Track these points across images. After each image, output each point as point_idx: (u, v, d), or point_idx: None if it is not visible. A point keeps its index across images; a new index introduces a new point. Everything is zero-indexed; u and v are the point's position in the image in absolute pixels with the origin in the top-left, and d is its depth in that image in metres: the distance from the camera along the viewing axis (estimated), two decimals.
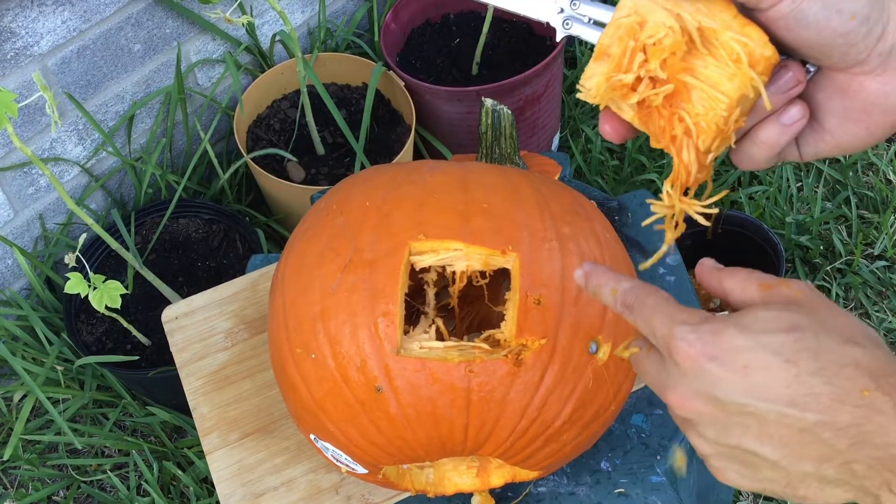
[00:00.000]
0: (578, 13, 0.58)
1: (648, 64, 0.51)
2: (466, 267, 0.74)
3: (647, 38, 0.51)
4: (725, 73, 0.50)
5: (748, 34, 0.49)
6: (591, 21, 0.58)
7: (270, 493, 0.91)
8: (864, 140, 0.53)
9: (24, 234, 1.61)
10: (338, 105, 1.82)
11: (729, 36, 0.49)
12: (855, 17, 0.48)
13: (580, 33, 0.58)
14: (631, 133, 0.56)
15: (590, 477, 0.90)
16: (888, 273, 1.80)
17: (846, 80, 0.51)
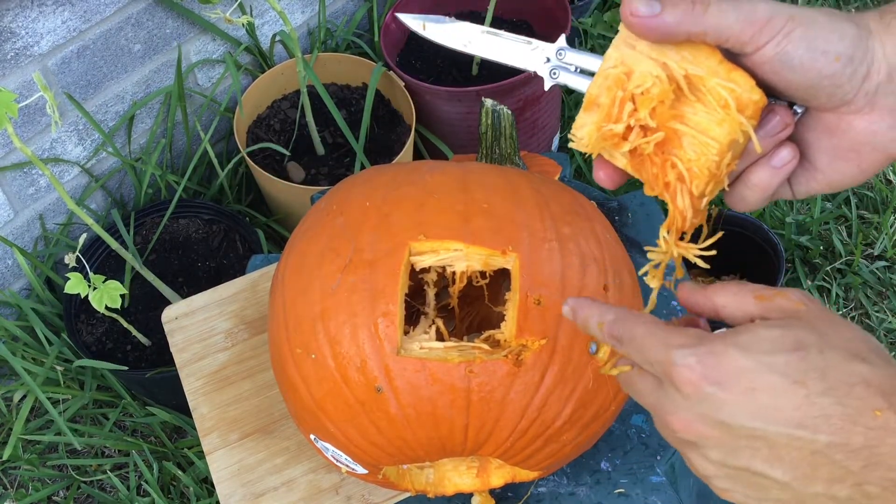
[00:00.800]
0: (565, 62, 0.59)
1: (638, 113, 0.51)
2: (466, 267, 0.74)
3: (635, 87, 0.51)
4: (714, 118, 0.50)
5: (735, 79, 0.49)
6: (578, 70, 0.59)
7: (270, 493, 0.91)
8: (855, 177, 0.53)
9: (24, 234, 1.61)
10: (338, 105, 1.82)
11: (716, 82, 0.49)
12: (839, 58, 0.48)
13: (568, 82, 0.59)
14: (625, 178, 0.56)
15: (590, 477, 0.90)
16: (888, 273, 1.80)
17: (834, 120, 0.51)
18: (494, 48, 0.63)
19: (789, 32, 0.48)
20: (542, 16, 1.87)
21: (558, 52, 0.59)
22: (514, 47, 0.62)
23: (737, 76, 0.49)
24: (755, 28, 0.48)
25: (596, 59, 0.57)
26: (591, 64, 0.58)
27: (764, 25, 0.48)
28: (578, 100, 2.03)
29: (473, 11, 1.92)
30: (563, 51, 0.59)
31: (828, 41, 0.48)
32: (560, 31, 1.78)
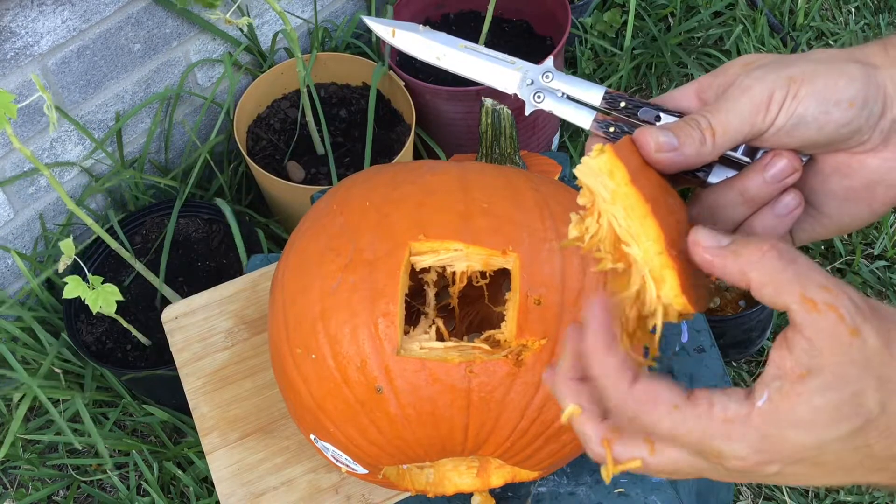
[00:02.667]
0: (551, 86, 0.56)
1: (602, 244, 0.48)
2: (466, 267, 0.74)
3: (593, 225, 0.48)
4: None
5: (662, 278, 0.45)
6: (565, 95, 0.56)
7: (270, 492, 0.91)
8: (865, 219, 0.51)
9: (24, 234, 1.61)
10: (338, 105, 1.82)
11: (645, 274, 0.45)
12: (854, 103, 0.47)
13: (553, 109, 0.56)
14: None
15: (590, 477, 0.90)
16: (888, 273, 1.80)
17: (846, 160, 0.49)
18: (470, 65, 0.59)
19: (795, 95, 0.47)
20: (542, 15, 1.86)
21: (545, 75, 0.56)
22: (492, 66, 0.58)
23: (667, 274, 0.45)
24: (761, 112, 0.47)
25: (586, 86, 0.54)
26: (579, 91, 0.55)
27: (768, 104, 0.47)
28: None
29: (473, 11, 1.92)
30: (551, 73, 0.56)
31: (836, 89, 0.47)
32: (560, 31, 1.78)
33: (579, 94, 0.55)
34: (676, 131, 0.48)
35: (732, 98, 0.48)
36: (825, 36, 2.19)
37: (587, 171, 0.47)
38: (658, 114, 0.52)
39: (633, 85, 2.10)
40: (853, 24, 2.20)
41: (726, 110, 0.48)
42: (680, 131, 0.48)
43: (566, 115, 0.55)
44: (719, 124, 0.48)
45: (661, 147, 0.48)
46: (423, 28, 0.60)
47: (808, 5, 2.21)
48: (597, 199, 0.47)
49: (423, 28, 0.60)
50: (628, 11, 1.96)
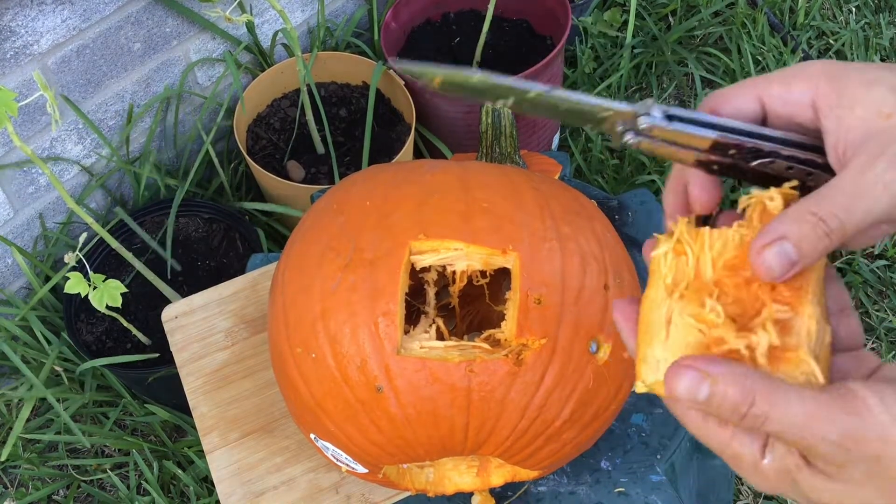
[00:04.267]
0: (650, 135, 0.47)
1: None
2: (467, 266, 0.74)
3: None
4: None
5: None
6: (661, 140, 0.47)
7: (270, 492, 0.91)
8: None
9: (24, 233, 1.61)
10: (338, 104, 1.82)
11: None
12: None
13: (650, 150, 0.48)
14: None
15: (590, 476, 0.90)
16: (888, 272, 1.80)
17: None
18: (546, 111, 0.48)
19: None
20: (542, 15, 1.86)
21: (641, 127, 0.47)
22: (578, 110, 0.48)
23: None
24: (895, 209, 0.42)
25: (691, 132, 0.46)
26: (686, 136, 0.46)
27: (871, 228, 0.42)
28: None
29: (473, 10, 1.92)
30: (649, 123, 0.46)
31: None
32: (561, 30, 1.78)
33: (681, 141, 0.47)
34: (800, 243, 0.42)
35: (870, 192, 0.41)
36: (825, 35, 2.19)
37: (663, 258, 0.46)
38: (772, 160, 0.46)
39: (633, 84, 2.10)
40: (853, 24, 2.20)
41: (864, 209, 0.41)
42: (804, 242, 0.42)
43: (665, 155, 0.48)
44: (853, 226, 0.42)
45: (786, 270, 0.42)
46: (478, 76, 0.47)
47: (809, 4, 2.21)
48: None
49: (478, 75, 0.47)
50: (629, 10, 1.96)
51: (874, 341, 1.72)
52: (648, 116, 0.46)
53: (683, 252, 0.45)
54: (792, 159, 0.46)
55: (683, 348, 0.44)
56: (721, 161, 0.47)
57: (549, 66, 1.70)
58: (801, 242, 0.42)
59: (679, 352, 0.43)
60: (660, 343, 0.44)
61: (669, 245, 0.46)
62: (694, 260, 0.45)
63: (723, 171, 0.48)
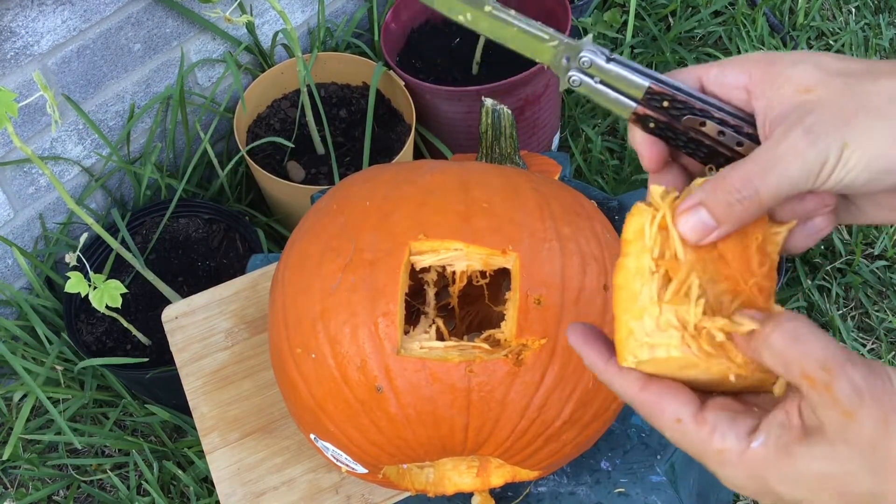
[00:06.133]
0: (587, 71, 0.50)
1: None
2: (466, 267, 0.74)
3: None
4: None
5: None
6: (601, 81, 0.50)
7: (270, 492, 0.91)
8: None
9: (24, 233, 1.61)
10: (338, 104, 1.82)
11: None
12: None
13: (588, 94, 0.51)
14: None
15: (590, 476, 0.90)
16: (888, 273, 1.80)
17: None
18: (499, 30, 0.53)
19: (846, 163, 0.43)
20: (542, 15, 1.86)
21: (581, 60, 0.50)
22: (524, 36, 0.52)
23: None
24: (811, 178, 0.44)
25: (628, 76, 0.49)
26: (619, 82, 0.49)
27: (819, 171, 0.43)
28: (579, 99, 2.03)
29: None
30: (588, 56, 0.50)
31: (890, 159, 0.43)
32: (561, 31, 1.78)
33: (619, 85, 0.50)
34: (714, 209, 0.45)
35: (783, 159, 0.43)
36: (825, 35, 2.19)
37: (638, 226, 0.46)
38: (703, 120, 0.49)
39: None
40: (853, 24, 2.20)
41: (777, 175, 0.43)
42: (718, 208, 0.45)
43: (603, 102, 0.50)
44: (767, 193, 0.44)
45: (703, 235, 0.45)
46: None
47: (808, 5, 2.21)
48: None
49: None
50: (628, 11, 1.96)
51: (874, 341, 1.72)
52: (590, 52, 0.50)
53: (665, 226, 0.46)
54: (723, 123, 0.48)
55: (673, 321, 0.44)
56: (656, 117, 0.49)
57: None
58: (715, 208, 0.44)
59: (668, 327, 0.44)
60: (651, 318, 0.44)
61: (652, 216, 0.46)
62: (677, 238, 0.46)
63: (659, 130, 0.50)
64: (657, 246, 0.45)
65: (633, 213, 0.47)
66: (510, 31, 0.52)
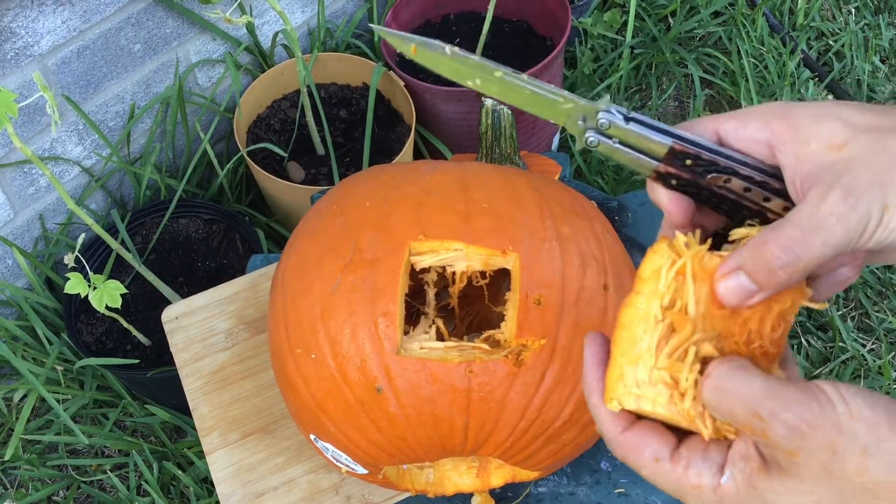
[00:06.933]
0: (607, 133, 0.48)
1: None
2: (466, 267, 0.74)
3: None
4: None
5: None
6: (619, 142, 0.48)
7: (270, 493, 0.91)
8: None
9: (24, 234, 1.61)
10: (338, 105, 1.82)
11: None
12: None
13: (608, 154, 0.49)
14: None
15: (590, 477, 0.90)
16: (888, 273, 1.80)
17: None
18: (511, 94, 0.52)
19: (887, 225, 0.42)
20: (542, 16, 1.87)
21: (600, 122, 0.48)
22: (537, 101, 0.51)
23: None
24: (852, 242, 0.42)
25: (649, 136, 0.47)
26: (641, 141, 0.48)
27: (861, 234, 0.42)
28: None
29: (473, 11, 1.92)
30: (607, 119, 0.48)
31: None
32: (560, 31, 1.78)
33: (639, 145, 0.48)
34: (755, 275, 0.43)
35: (825, 224, 0.42)
36: (825, 36, 2.19)
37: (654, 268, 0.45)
38: (728, 177, 0.47)
39: (633, 85, 2.10)
40: (853, 25, 2.20)
41: (820, 241, 0.42)
42: (759, 274, 0.43)
43: (623, 161, 0.49)
44: (811, 259, 0.42)
45: (742, 300, 0.44)
46: (449, 49, 0.52)
47: (808, 5, 2.21)
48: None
49: (451, 48, 0.52)
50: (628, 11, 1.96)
51: (874, 342, 1.72)
52: (608, 113, 0.48)
53: (683, 273, 0.45)
54: (749, 180, 0.47)
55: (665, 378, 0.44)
56: (679, 175, 0.48)
57: (548, 66, 1.70)
58: (757, 274, 0.43)
59: (659, 383, 0.44)
60: (645, 369, 0.44)
61: (672, 260, 0.45)
62: (694, 292, 0.44)
63: (681, 186, 0.48)
64: (670, 293, 0.45)
65: (654, 250, 0.46)
66: (523, 95, 0.51)
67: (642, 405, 0.44)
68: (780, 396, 0.40)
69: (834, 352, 1.70)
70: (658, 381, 0.44)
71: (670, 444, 0.45)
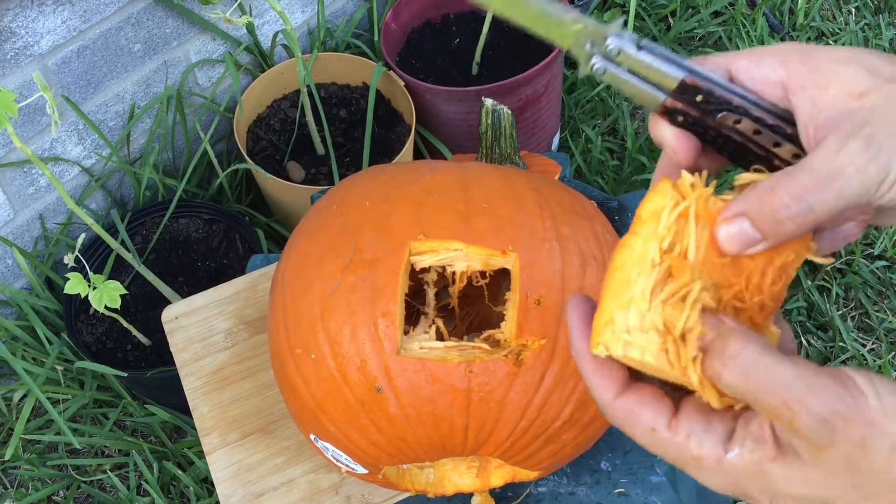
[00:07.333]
0: (614, 59, 0.45)
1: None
2: (466, 267, 0.74)
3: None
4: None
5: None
6: (629, 70, 0.45)
7: (270, 493, 0.91)
8: None
9: (24, 234, 1.61)
10: (338, 105, 1.82)
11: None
12: None
13: (613, 83, 0.46)
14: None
15: (590, 477, 0.90)
16: (888, 273, 1.80)
17: None
18: (514, 9, 0.47)
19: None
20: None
21: (609, 48, 0.45)
22: (542, 19, 0.47)
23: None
24: (868, 194, 0.40)
25: (659, 67, 0.44)
26: (650, 72, 0.44)
27: (878, 187, 0.40)
28: (579, 99, 2.03)
29: (473, 12, 1.92)
30: (616, 43, 0.44)
31: None
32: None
33: (649, 75, 0.45)
34: (760, 223, 0.41)
35: (841, 174, 0.39)
36: (825, 36, 2.19)
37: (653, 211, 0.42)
38: (739, 118, 0.44)
39: None
40: (853, 25, 2.20)
41: (835, 192, 0.39)
42: (764, 222, 0.40)
43: (628, 92, 0.46)
44: (822, 210, 0.40)
45: (742, 248, 0.41)
46: None
47: (808, 5, 2.21)
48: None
49: None
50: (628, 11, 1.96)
51: (874, 342, 1.72)
52: (618, 38, 0.44)
53: (686, 216, 0.42)
54: (760, 122, 0.44)
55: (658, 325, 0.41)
56: (687, 111, 0.45)
57: (548, 67, 1.70)
58: (762, 222, 0.40)
59: (651, 329, 0.40)
60: (637, 313, 0.41)
61: (675, 202, 0.42)
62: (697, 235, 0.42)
63: (686, 124, 0.45)
64: (670, 236, 0.41)
65: (656, 189, 0.43)
66: (528, 11, 0.47)
67: (630, 352, 0.41)
68: (811, 386, 0.37)
69: (834, 352, 1.70)
70: (650, 327, 0.40)
71: (667, 413, 0.42)
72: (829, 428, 0.37)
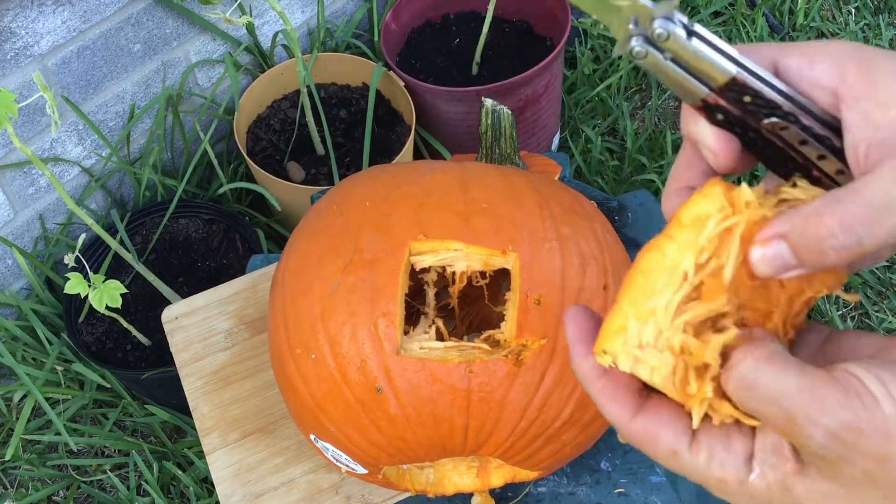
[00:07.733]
0: (662, 45, 0.39)
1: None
2: (466, 267, 0.74)
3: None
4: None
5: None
6: (671, 58, 0.40)
7: (270, 493, 0.91)
8: None
9: (24, 234, 1.61)
10: (338, 105, 1.82)
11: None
12: None
13: (653, 70, 0.40)
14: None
15: (590, 477, 0.90)
16: (888, 273, 1.80)
17: None
18: None
19: None
20: (542, 16, 1.87)
21: (656, 32, 0.39)
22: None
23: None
24: None
25: (710, 61, 0.39)
26: (704, 63, 0.39)
27: None
28: (579, 100, 2.03)
29: (473, 11, 1.92)
30: (666, 30, 0.39)
31: None
32: (560, 31, 1.78)
33: (695, 66, 0.39)
34: (800, 249, 0.36)
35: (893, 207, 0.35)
36: (825, 36, 2.19)
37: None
38: (786, 125, 0.40)
39: (633, 85, 2.10)
40: (853, 25, 2.20)
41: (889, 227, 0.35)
42: (805, 250, 0.36)
43: (666, 81, 0.41)
44: (871, 244, 0.35)
45: (775, 272, 0.37)
46: None
47: (808, 5, 2.21)
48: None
49: None
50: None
51: None
52: (667, 21, 0.39)
53: (732, 232, 0.38)
54: (808, 131, 0.40)
55: (675, 346, 0.38)
56: (730, 110, 0.40)
57: (548, 67, 1.70)
58: (803, 248, 0.36)
59: (666, 350, 0.37)
60: (654, 329, 0.37)
61: (724, 214, 0.37)
62: (737, 255, 0.37)
63: (726, 123, 0.41)
64: (710, 250, 0.37)
65: (705, 193, 0.38)
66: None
67: (638, 370, 0.38)
68: (817, 398, 0.34)
69: None
70: (665, 346, 0.37)
71: (687, 434, 0.39)
72: (839, 442, 0.34)
